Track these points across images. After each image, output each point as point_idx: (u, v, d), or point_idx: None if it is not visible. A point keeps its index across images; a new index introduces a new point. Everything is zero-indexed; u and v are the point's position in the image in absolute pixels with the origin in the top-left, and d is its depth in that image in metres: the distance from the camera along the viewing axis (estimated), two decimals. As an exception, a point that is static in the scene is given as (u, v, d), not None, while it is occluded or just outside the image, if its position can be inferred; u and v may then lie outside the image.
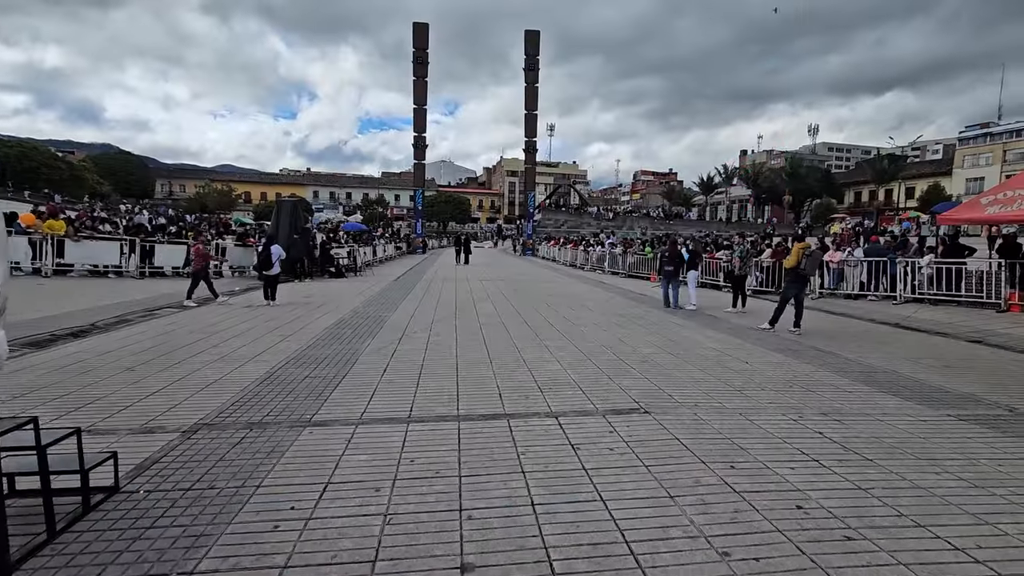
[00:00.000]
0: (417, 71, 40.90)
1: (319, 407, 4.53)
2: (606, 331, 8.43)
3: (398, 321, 9.14)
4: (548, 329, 8.53)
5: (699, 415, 4.42)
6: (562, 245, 33.47)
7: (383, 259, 28.53)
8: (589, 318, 9.84)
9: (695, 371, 5.96)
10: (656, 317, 10.15)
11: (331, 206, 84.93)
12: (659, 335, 8.20)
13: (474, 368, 5.96)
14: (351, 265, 20.12)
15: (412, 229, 44.93)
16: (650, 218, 62.93)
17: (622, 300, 13.04)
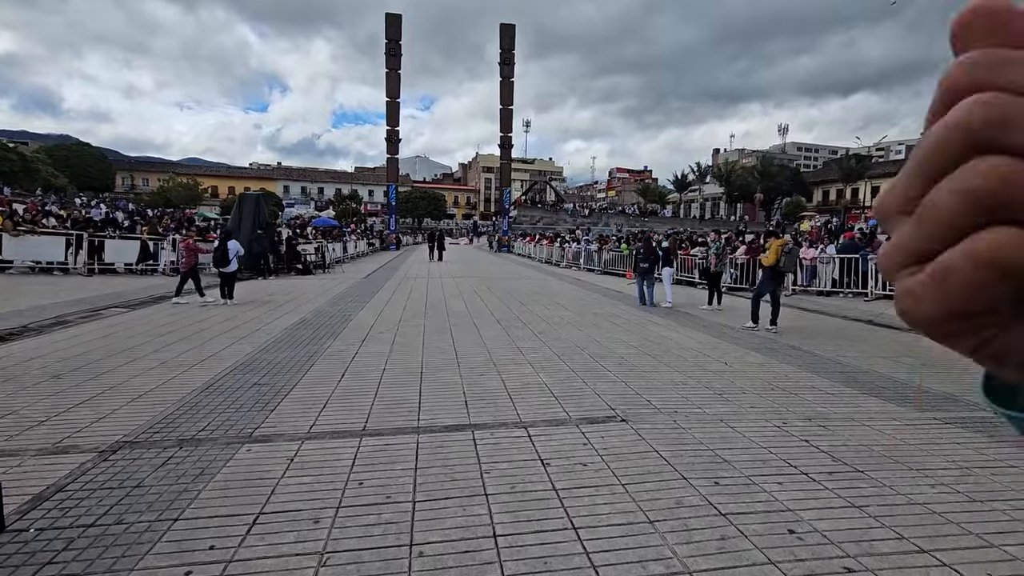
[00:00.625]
0: (390, 63, 40.00)
1: (263, 419, 4.08)
2: (581, 330, 8.12)
3: (363, 321, 8.67)
4: (521, 329, 8.18)
5: (679, 423, 4.13)
6: (538, 242, 33.20)
7: (354, 256, 27.80)
8: (564, 316, 9.53)
9: (673, 373, 5.68)
10: (632, 315, 9.91)
11: (302, 201, 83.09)
12: (635, 334, 7.93)
13: (440, 372, 5.57)
14: (319, 262, 19.44)
15: (385, 225, 44.06)
16: (625, 215, 63.21)
17: (598, 297, 12.79)
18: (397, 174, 42.80)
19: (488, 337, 7.46)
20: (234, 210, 16.69)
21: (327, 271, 18.91)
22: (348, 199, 74.81)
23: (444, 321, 8.78)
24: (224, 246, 11.10)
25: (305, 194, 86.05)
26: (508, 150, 43.66)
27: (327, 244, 20.36)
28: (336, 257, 22.51)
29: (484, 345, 6.92)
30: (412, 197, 72.79)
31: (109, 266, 14.54)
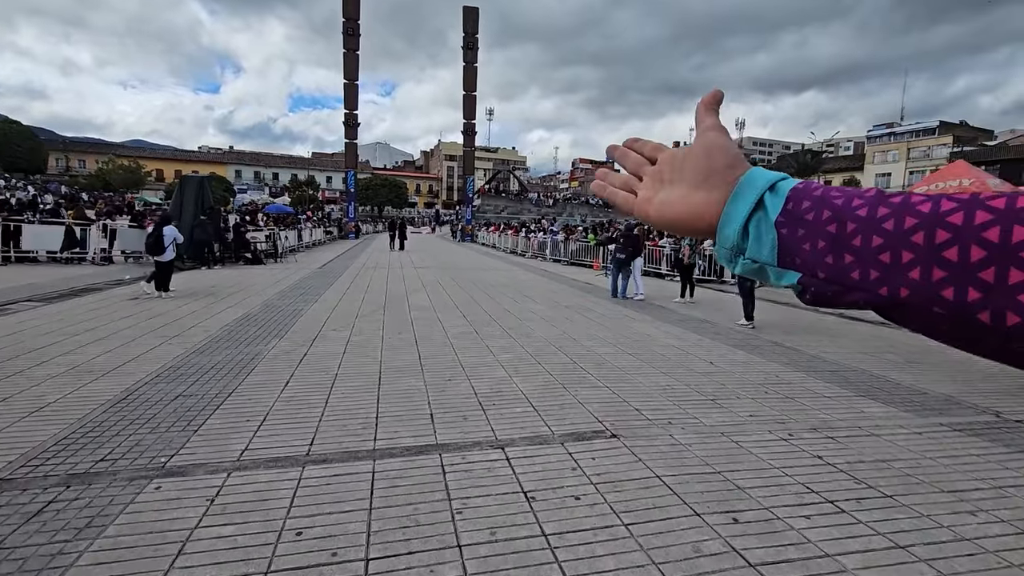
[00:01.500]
0: (348, 43, 38.25)
1: (183, 443, 3.35)
2: (555, 326, 7.58)
3: (316, 316, 7.87)
4: (490, 325, 7.58)
5: (676, 438, 3.63)
6: (502, 231, 32.56)
7: (310, 244, 26.47)
8: (534, 310, 8.97)
9: (659, 375, 5.20)
10: (606, 309, 9.45)
11: (256, 187, 79.63)
12: (612, 330, 7.45)
13: (402, 377, 4.91)
14: (271, 251, 18.24)
15: (344, 213, 42.44)
16: (590, 205, 63.23)
17: (567, 289, 12.30)
18: (356, 160, 41.22)
19: (455, 335, 6.82)
20: (175, 194, 15.34)
21: (279, 260, 17.76)
22: (305, 185, 72.08)
23: (406, 316, 8.07)
24: (159, 232, 9.99)
25: (259, 180, 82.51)
26: (472, 137, 42.71)
27: (280, 232, 19.13)
28: (290, 246, 21.26)
29: (450, 344, 6.28)
30: (372, 184, 70.78)
31: (28, 254, 13.07)
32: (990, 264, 0.32)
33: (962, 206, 0.34)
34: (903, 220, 0.36)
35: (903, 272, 0.36)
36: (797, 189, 0.43)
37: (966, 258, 0.33)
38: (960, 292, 0.33)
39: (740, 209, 0.44)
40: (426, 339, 6.50)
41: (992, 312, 0.32)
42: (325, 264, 17.27)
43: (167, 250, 9.73)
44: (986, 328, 0.33)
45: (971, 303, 0.33)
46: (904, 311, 0.37)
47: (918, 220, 0.35)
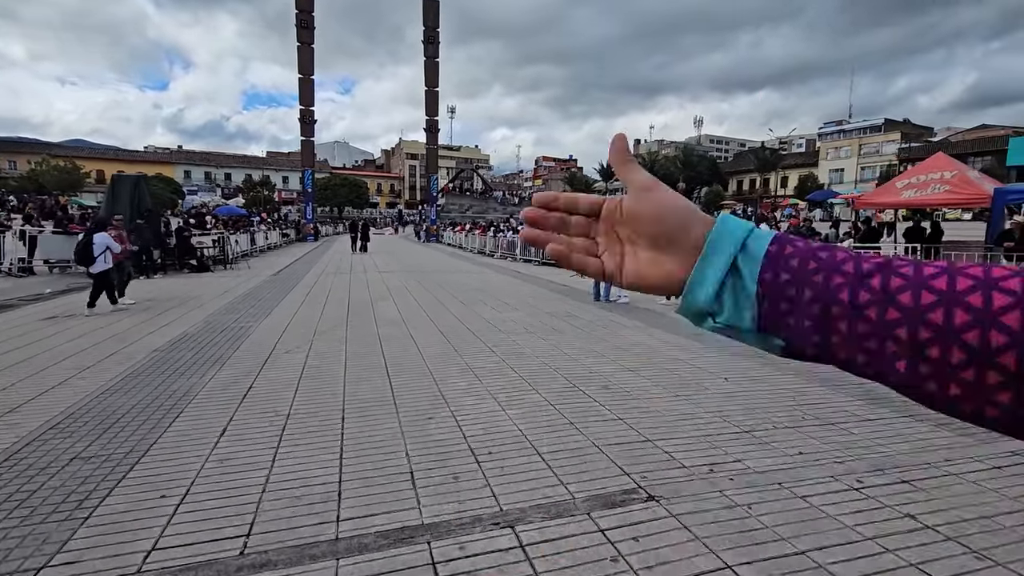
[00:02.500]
0: (302, 36, 36.43)
1: (62, 543, 2.37)
2: (543, 339, 6.77)
3: (266, 335, 6.82)
4: (470, 340, 6.70)
5: (729, 496, 2.86)
6: (469, 231, 31.60)
7: (265, 248, 24.88)
8: (516, 320, 8.14)
9: (675, 400, 4.46)
10: (593, 315, 8.70)
11: (207, 188, 76.13)
12: (606, 342, 6.70)
13: (370, 417, 3.99)
14: (220, 256, 16.79)
15: (302, 214, 40.56)
16: (554, 204, 62.84)
17: (546, 293, 11.52)
18: (313, 158, 39.44)
19: (431, 354, 5.91)
20: (106, 196, 13.83)
21: (229, 267, 16.34)
22: (259, 186, 69.11)
23: (372, 332, 7.10)
24: (88, 239, 8.71)
25: (210, 180, 78.83)
26: (435, 134, 41.53)
27: (229, 235, 17.66)
28: (241, 251, 19.77)
29: (427, 368, 5.38)
30: (331, 184, 68.50)
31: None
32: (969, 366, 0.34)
33: (942, 301, 0.35)
34: (885, 311, 0.37)
35: (890, 362, 0.37)
36: (771, 255, 0.42)
37: (947, 358, 0.35)
38: (942, 387, 0.35)
39: (710, 275, 0.43)
40: (398, 363, 5.57)
41: (972, 409, 0.35)
42: (280, 270, 15.97)
43: (97, 260, 8.45)
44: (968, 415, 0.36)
45: (953, 397, 0.35)
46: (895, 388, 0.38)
47: (900, 315, 0.36)
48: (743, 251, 0.42)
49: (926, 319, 0.35)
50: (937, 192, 10.72)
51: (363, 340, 6.55)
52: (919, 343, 0.35)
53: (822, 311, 0.39)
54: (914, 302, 0.36)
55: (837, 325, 0.38)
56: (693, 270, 0.43)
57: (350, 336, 6.76)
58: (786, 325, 0.40)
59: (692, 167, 62.88)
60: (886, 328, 0.36)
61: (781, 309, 0.40)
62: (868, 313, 0.37)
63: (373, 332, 7.05)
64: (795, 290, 0.40)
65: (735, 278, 0.42)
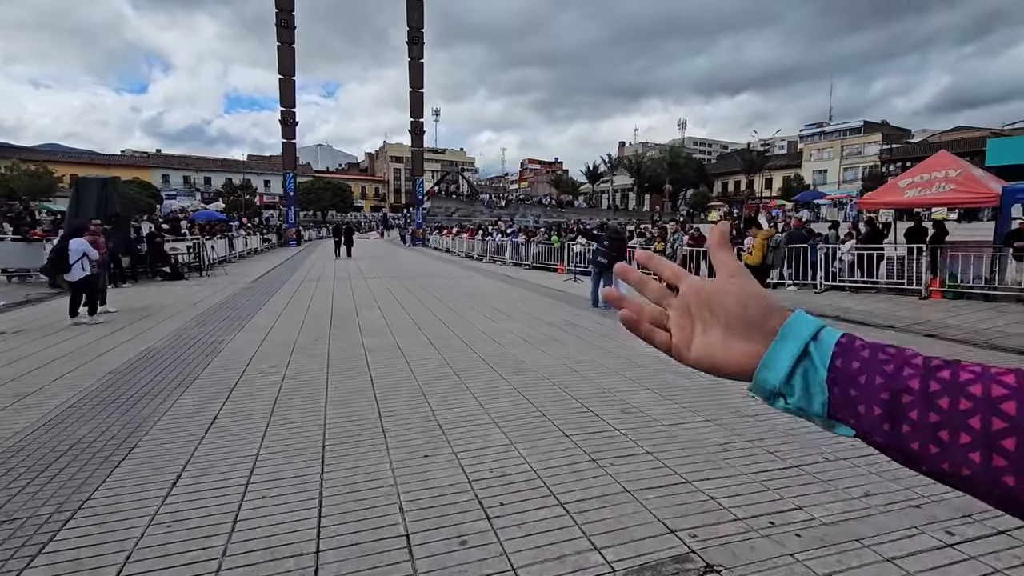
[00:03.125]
0: (282, 36, 35.50)
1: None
2: (544, 351, 6.20)
3: (239, 350, 6.16)
4: (465, 353, 6.11)
5: (803, 561, 2.31)
6: (456, 235, 30.95)
7: (245, 254, 23.99)
8: (513, 330, 7.57)
9: (705, 425, 3.92)
10: (593, 323, 8.16)
11: (186, 192, 74.40)
12: (612, 353, 6.16)
13: (356, 456, 3.39)
14: (196, 263, 15.97)
15: (284, 218, 39.58)
16: (543, 206, 62.46)
17: (540, 299, 10.98)
18: (295, 160, 38.50)
19: (423, 372, 5.31)
20: (71, 199, 12.96)
21: (205, 274, 15.53)
22: (240, 190, 67.68)
23: (357, 346, 6.47)
24: (63, 245, 8.11)
25: (189, 184, 77.06)
26: (420, 136, 40.86)
27: (206, 241, 16.83)
28: (219, 257, 18.92)
29: (419, 388, 4.78)
30: (315, 188, 67.35)
31: None
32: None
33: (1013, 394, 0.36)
34: (957, 401, 0.37)
35: (963, 452, 0.37)
36: (843, 345, 0.43)
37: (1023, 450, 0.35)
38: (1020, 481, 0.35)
39: (784, 358, 0.44)
40: (387, 383, 4.96)
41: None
42: (260, 277, 15.20)
43: (74, 268, 7.84)
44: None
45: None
46: (966, 485, 0.38)
47: (972, 404, 0.37)
48: (815, 340, 0.44)
49: (999, 409, 0.36)
50: (942, 191, 10.38)
51: (347, 356, 5.92)
52: (992, 434, 0.36)
53: (892, 398, 0.39)
54: (985, 393, 0.37)
55: (908, 413, 0.39)
56: (767, 351, 0.45)
57: (333, 351, 6.12)
58: (856, 412, 0.41)
59: (679, 169, 62.94)
60: (959, 417, 0.37)
61: (851, 395, 0.41)
62: (939, 402, 0.38)
63: (358, 346, 6.42)
64: (865, 378, 0.41)
65: (807, 363, 0.43)
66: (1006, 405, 0.36)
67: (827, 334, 0.44)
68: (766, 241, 6.95)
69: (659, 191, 66.59)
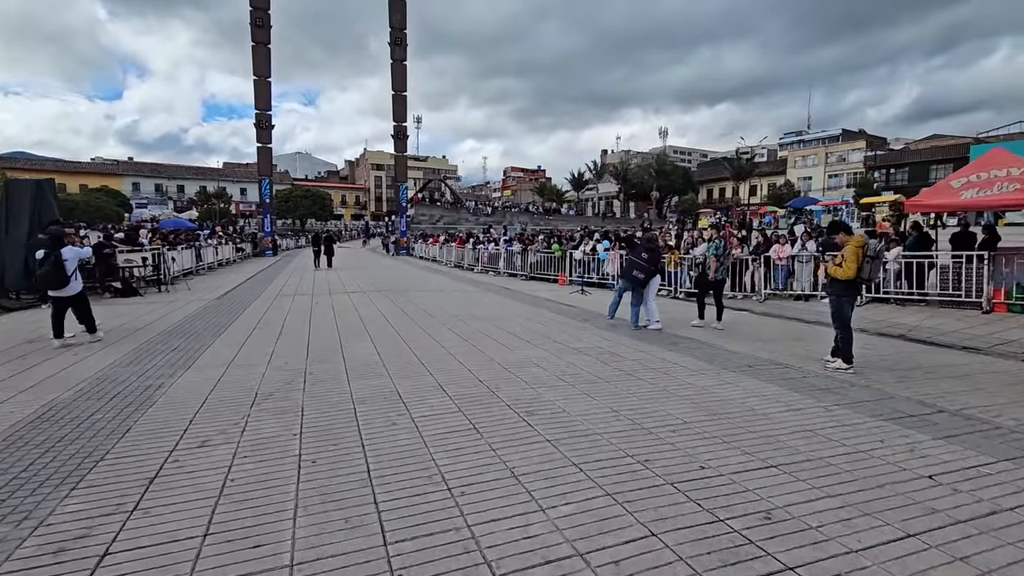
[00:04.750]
0: (257, 35, 33.68)
1: None
2: (589, 396, 4.69)
3: (178, 404, 4.53)
4: (488, 402, 4.57)
5: None
6: (444, 243, 29.36)
7: (215, 265, 22.06)
8: (538, 360, 6.05)
9: (820, 494, 2.45)
10: (634, 350, 6.69)
11: (157, 201, 71.54)
12: (672, 394, 4.68)
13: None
14: (155, 276, 14.14)
15: (260, 227, 37.53)
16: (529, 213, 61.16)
17: (554, 317, 9.48)
18: (271, 166, 36.55)
19: (436, 433, 3.76)
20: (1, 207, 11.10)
21: (164, 289, 13.71)
22: (215, 198, 65.11)
23: (342, 392, 4.88)
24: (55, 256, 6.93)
25: (161, 192, 74.08)
26: (403, 141, 39.23)
27: (167, 251, 14.98)
28: (183, 269, 17.06)
29: (433, 463, 3.23)
30: (293, 196, 65.08)
31: None
32: None
33: None
34: None
35: None
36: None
37: None
38: None
39: None
40: (387, 458, 3.39)
41: None
42: (227, 292, 13.43)
43: (72, 280, 7.04)
44: None
45: None
46: None
47: None
48: None
49: None
50: (1006, 191, 9.21)
51: (328, 411, 4.34)
52: None
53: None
54: None
55: None
56: None
57: (309, 404, 4.52)
58: None
59: (666, 176, 62.35)
60: None
61: None
62: None
63: (344, 393, 4.84)
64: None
65: None
66: None
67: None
68: (860, 249, 5.56)
69: (645, 198, 65.84)
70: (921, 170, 56.04)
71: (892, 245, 10.78)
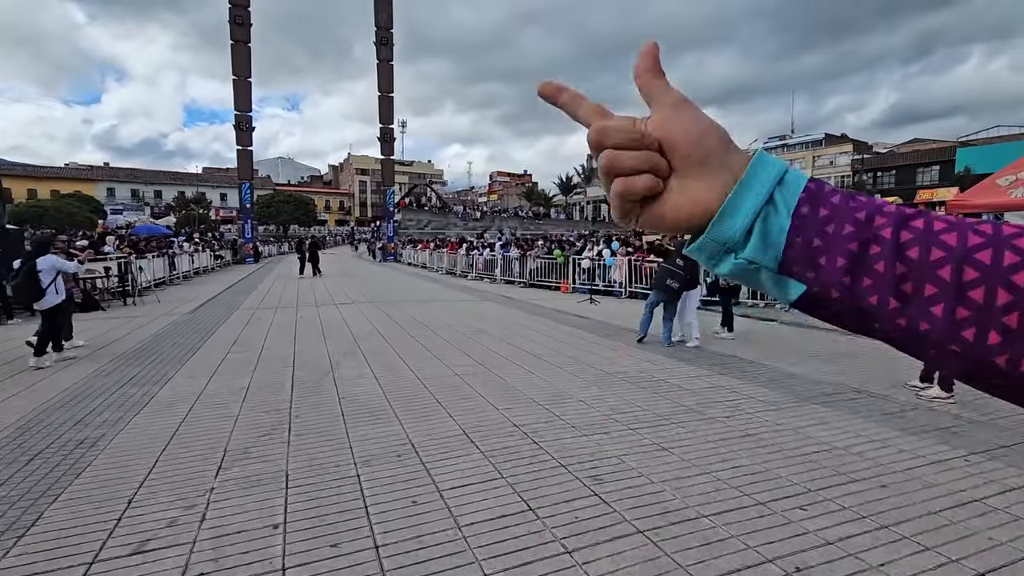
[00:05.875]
0: (236, 33, 32.22)
1: None
2: (659, 446, 3.62)
3: (115, 470, 3.36)
4: (530, 457, 3.48)
5: None
6: (435, 249, 28.16)
7: (190, 274, 20.61)
8: (577, 394, 4.97)
9: None
10: (677, 374, 5.64)
11: (134, 207, 69.21)
12: (772, 445, 3.64)
13: None
14: (121, 288, 12.77)
15: (240, 233, 35.95)
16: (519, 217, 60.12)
17: (572, 332, 8.42)
18: (251, 169, 35.04)
19: (478, 526, 2.67)
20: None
21: (132, 301, 12.37)
22: (194, 203, 63.09)
23: (338, 442, 3.75)
24: (30, 266, 6.36)
25: (137, 198, 71.74)
26: (390, 144, 37.96)
27: (135, 260, 13.60)
28: (157, 278, 15.68)
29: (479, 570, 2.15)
30: (275, 201, 63.35)
31: None
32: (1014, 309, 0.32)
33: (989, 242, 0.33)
34: (928, 250, 0.35)
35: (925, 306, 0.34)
36: (811, 190, 0.38)
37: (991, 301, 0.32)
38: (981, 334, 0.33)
39: (749, 202, 0.38)
40: (411, 564, 2.29)
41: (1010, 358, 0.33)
42: (201, 305, 12.13)
43: (48, 293, 6.35)
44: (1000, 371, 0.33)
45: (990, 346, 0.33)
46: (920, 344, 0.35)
47: (944, 253, 0.34)
48: (781, 184, 0.38)
49: (972, 259, 0.33)
50: (1063, 189, 8.40)
51: (322, 481, 3.20)
52: (962, 284, 0.33)
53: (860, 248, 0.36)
54: (960, 243, 0.34)
55: (874, 265, 0.35)
56: (729, 196, 0.38)
57: (295, 469, 3.38)
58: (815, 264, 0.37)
59: (656, 179, 61.81)
60: (928, 268, 0.34)
61: (814, 245, 0.37)
62: (909, 253, 0.35)
63: (341, 447, 3.70)
64: (833, 226, 0.37)
65: (769, 209, 0.38)
66: (981, 255, 0.33)
67: (794, 178, 0.38)
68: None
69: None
70: (908, 173, 56.30)
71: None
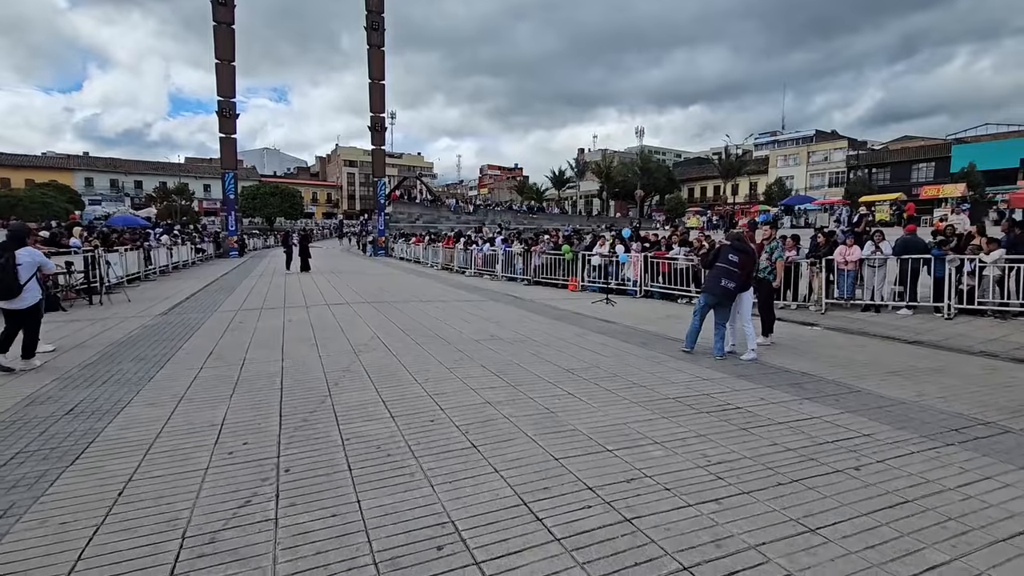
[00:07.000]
0: (219, 14, 30.53)
1: None
2: (782, 513, 2.61)
3: (34, 569, 2.27)
4: (612, 546, 2.45)
5: None
6: (430, 243, 26.97)
7: (168, 268, 19.25)
8: (640, 428, 3.95)
9: None
10: (750, 398, 4.64)
11: (113, 197, 66.91)
12: (934, 513, 2.66)
13: None
14: (88, 285, 11.50)
15: (224, 225, 34.41)
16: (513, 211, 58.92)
17: (605, 341, 7.39)
18: (235, 159, 33.48)
19: None
20: None
21: (99, 300, 11.11)
22: (175, 194, 60.97)
23: (353, 521, 2.68)
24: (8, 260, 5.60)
25: (117, 188, 69.34)
26: (381, 134, 36.55)
27: (103, 253, 12.30)
28: (129, 273, 14.37)
29: None
30: (260, 192, 61.45)
31: None
32: None
33: None
34: None
35: None
36: None
37: None
38: None
39: None
40: None
41: None
42: (176, 304, 10.90)
43: (27, 288, 5.71)
44: None
45: None
46: None
47: None
48: None
49: None
50: None
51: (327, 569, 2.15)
52: None
53: None
54: None
55: None
56: None
57: (285, 571, 2.32)
58: None
59: (650, 174, 61.05)
60: None
61: None
62: None
63: (354, 523, 2.64)
64: None
65: None
66: None
67: None
68: None
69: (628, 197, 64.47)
70: (903, 170, 56.08)
71: (991, 247, 9.05)
